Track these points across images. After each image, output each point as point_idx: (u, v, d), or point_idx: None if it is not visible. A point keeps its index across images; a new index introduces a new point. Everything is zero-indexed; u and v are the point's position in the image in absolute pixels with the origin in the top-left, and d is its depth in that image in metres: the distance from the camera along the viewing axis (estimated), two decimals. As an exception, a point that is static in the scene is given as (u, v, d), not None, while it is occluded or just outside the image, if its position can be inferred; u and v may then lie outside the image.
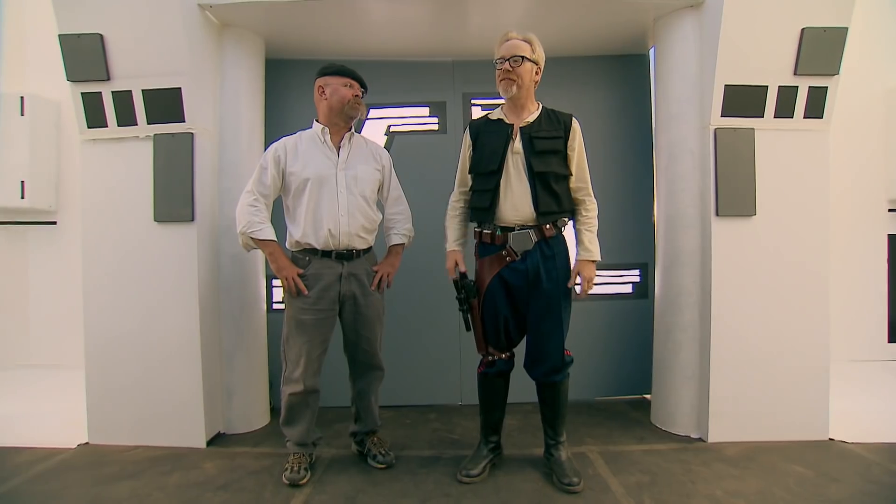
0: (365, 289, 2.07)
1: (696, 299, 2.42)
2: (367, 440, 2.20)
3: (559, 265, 1.93)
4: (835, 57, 2.24)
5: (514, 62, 1.87)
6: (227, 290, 2.50)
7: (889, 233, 3.32)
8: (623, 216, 2.94)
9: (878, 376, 3.08)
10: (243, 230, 1.97)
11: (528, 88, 1.93)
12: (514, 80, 1.89)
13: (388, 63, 2.94)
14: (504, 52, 1.90)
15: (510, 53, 1.88)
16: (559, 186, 1.92)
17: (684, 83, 2.43)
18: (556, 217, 1.92)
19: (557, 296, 1.92)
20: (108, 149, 2.36)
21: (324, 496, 1.90)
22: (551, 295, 1.91)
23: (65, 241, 3.24)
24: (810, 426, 2.34)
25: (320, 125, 2.06)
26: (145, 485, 1.99)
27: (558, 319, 1.93)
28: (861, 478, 1.98)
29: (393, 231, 2.19)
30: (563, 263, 1.95)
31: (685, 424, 2.44)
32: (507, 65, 1.88)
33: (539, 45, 1.93)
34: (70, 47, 2.21)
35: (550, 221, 1.91)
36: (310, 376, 2.00)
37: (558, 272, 1.92)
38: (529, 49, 1.90)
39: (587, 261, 1.95)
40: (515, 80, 1.89)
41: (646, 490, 1.91)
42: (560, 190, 1.92)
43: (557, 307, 1.93)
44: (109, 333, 2.36)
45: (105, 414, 2.36)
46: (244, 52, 2.58)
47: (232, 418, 2.53)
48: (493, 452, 2.11)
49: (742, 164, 2.32)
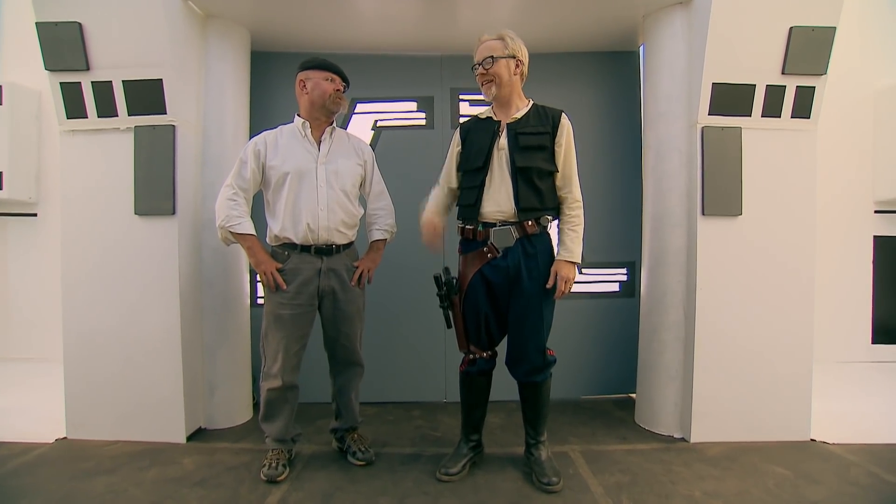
0: (345, 284, 2.05)
1: (681, 299, 2.41)
2: (347, 437, 2.18)
3: (541, 263, 1.89)
4: (822, 57, 2.23)
5: (486, 65, 1.87)
6: (210, 285, 2.48)
7: (875, 234, 3.33)
8: (611, 214, 2.93)
9: (862, 377, 3.09)
10: (222, 224, 1.96)
11: (511, 84, 1.90)
12: (493, 81, 1.88)
13: (376, 57, 2.91)
14: (477, 58, 1.91)
15: (482, 57, 1.89)
16: (543, 183, 1.89)
17: (673, 81, 2.41)
18: (537, 214, 1.88)
19: (538, 295, 1.90)
20: (88, 140, 2.32)
21: (301, 493, 1.88)
22: (532, 294, 1.89)
23: (45, 233, 3.19)
24: (792, 427, 2.35)
25: (301, 119, 2.04)
26: (121, 480, 1.97)
27: (539, 319, 1.90)
28: (840, 479, 1.98)
29: (375, 226, 2.18)
30: (546, 262, 1.91)
31: (668, 424, 2.44)
32: (481, 69, 1.89)
33: (513, 39, 1.89)
34: (48, 36, 2.17)
35: (532, 218, 1.88)
36: (288, 371, 1.98)
37: (540, 271, 1.89)
38: (502, 46, 1.88)
39: (565, 261, 1.88)
40: (493, 79, 1.88)
41: (625, 490, 1.91)
42: (544, 186, 1.89)
43: (538, 306, 1.90)
44: (89, 327, 2.33)
45: (84, 408, 2.34)
46: (229, 44, 2.54)
47: (214, 413, 2.50)
48: (474, 451, 2.10)
49: (729, 164, 2.31)
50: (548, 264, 1.91)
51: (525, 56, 1.93)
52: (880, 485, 1.95)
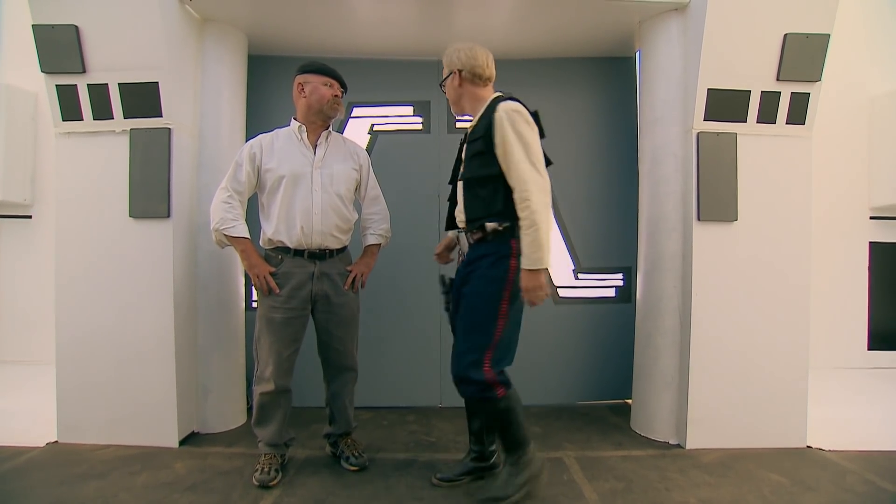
0: (338, 288, 2.05)
1: (677, 304, 2.40)
2: (340, 442, 2.17)
3: (480, 270, 1.77)
4: (817, 63, 2.24)
5: (441, 88, 1.96)
6: (204, 288, 2.47)
7: (871, 240, 3.33)
8: (607, 219, 2.93)
9: (858, 384, 3.08)
10: (216, 227, 1.95)
11: (459, 96, 1.90)
12: (449, 98, 1.96)
13: (373, 61, 2.91)
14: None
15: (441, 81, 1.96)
16: (485, 189, 1.76)
17: (668, 86, 2.42)
18: (481, 222, 1.77)
19: (471, 303, 1.77)
20: (83, 142, 2.32)
21: (293, 498, 1.87)
22: (464, 300, 1.80)
23: (40, 235, 3.17)
24: (788, 434, 2.34)
25: (297, 123, 2.04)
26: (112, 485, 1.95)
27: (466, 326, 1.78)
28: (836, 486, 1.97)
29: (369, 231, 2.18)
30: (487, 270, 1.75)
31: (664, 430, 2.42)
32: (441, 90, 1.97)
33: (451, 54, 1.89)
34: (44, 38, 2.17)
35: (476, 226, 1.79)
36: (280, 376, 1.97)
37: (478, 279, 1.77)
38: (445, 66, 1.92)
39: (525, 270, 1.67)
40: (449, 98, 1.96)
41: (619, 497, 1.89)
42: (486, 193, 1.76)
43: (468, 314, 1.78)
44: (82, 330, 2.31)
45: (76, 412, 2.32)
46: (226, 47, 2.54)
47: (207, 417, 2.49)
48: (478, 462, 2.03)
49: (724, 169, 2.31)
50: (491, 272, 1.75)
51: (467, 61, 1.85)
52: (877, 492, 1.93)
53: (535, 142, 1.71)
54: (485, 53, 1.88)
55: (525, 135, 1.69)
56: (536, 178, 1.67)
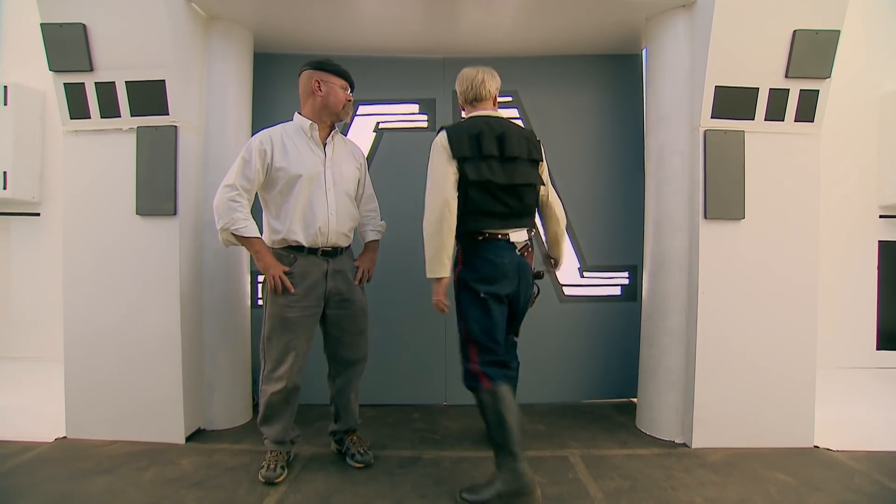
0: (350, 284, 2.08)
1: (683, 303, 2.39)
2: (346, 439, 2.17)
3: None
4: (826, 60, 2.21)
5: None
6: (210, 286, 2.48)
7: (880, 239, 3.30)
8: (613, 217, 2.92)
9: (867, 384, 3.05)
10: (226, 226, 1.91)
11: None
12: None
13: (378, 59, 2.91)
14: None
15: None
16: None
17: (675, 84, 2.40)
18: None
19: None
20: (90, 140, 2.33)
21: (299, 495, 1.87)
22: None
23: (48, 233, 3.20)
24: (795, 433, 2.32)
25: (307, 120, 2.02)
26: (119, 480, 1.97)
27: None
28: (843, 486, 1.96)
29: (368, 227, 2.22)
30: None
31: (669, 429, 2.42)
32: None
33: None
34: (52, 37, 2.18)
35: None
36: (296, 373, 1.98)
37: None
38: None
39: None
40: None
41: (625, 496, 1.89)
42: None
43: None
44: (90, 327, 2.33)
45: (84, 408, 2.34)
46: (232, 45, 2.55)
47: (213, 414, 2.50)
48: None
49: (731, 167, 2.29)
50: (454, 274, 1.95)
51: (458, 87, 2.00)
52: (884, 493, 1.92)
53: (436, 165, 1.87)
54: (469, 77, 1.96)
55: (431, 161, 1.88)
56: (428, 201, 1.87)
